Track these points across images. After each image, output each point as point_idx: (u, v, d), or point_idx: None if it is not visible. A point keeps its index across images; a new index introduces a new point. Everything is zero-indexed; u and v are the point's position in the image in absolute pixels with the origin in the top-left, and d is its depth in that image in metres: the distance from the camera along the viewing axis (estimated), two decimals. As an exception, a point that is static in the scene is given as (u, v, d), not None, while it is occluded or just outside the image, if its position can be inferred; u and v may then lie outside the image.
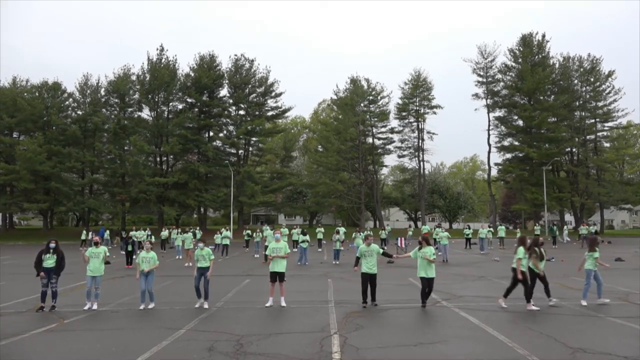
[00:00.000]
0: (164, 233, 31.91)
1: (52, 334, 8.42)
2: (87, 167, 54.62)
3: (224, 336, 7.97)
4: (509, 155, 61.17)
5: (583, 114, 58.85)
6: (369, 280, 10.69)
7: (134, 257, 19.72)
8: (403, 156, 64.50)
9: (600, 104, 58.36)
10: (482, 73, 60.49)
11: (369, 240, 10.99)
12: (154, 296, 11.00)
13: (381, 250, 11.17)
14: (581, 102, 58.56)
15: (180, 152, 54.10)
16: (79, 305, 11.13)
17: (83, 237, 34.67)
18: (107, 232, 35.46)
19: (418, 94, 61.58)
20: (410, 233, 30.10)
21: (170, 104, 56.46)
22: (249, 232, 31.42)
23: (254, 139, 58.79)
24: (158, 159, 56.52)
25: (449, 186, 72.26)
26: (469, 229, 32.28)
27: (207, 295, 10.84)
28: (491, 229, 30.82)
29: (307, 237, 21.94)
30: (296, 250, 27.19)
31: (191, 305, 11.05)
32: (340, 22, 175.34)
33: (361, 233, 22.74)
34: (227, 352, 6.99)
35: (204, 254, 10.85)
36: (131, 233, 28.24)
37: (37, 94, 53.63)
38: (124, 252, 24.21)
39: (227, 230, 29.14)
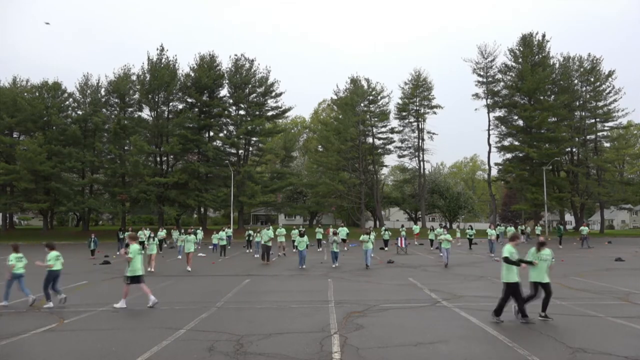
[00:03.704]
0: (161, 233, 31.76)
1: (52, 334, 8.42)
2: (87, 167, 54.65)
3: (224, 336, 7.97)
4: (509, 155, 61.16)
5: (583, 114, 58.85)
6: (516, 289, 9.11)
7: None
8: (403, 156, 64.66)
9: (600, 103, 58.36)
10: (482, 73, 60.56)
11: (517, 241, 9.56)
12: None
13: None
14: (581, 102, 58.54)
15: (181, 152, 54.09)
16: (79, 305, 11.14)
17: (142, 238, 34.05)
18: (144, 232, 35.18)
19: (418, 94, 61.67)
20: (403, 233, 29.73)
21: (171, 104, 56.50)
22: (250, 232, 31.31)
23: (254, 139, 58.79)
24: (158, 159, 56.53)
25: (449, 186, 72.23)
26: (472, 229, 31.55)
27: (58, 290, 11.16)
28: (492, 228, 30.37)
29: (305, 239, 20.30)
30: (295, 250, 27.02)
31: (191, 305, 11.06)
32: (341, 22, 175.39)
33: (369, 235, 20.19)
34: (227, 352, 6.99)
35: (52, 257, 11.24)
36: (126, 234, 27.90)
37: (37, 94, 53.68)
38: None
39: (224, 230, 29.00)
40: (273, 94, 58.31)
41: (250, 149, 60.24)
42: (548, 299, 9.16)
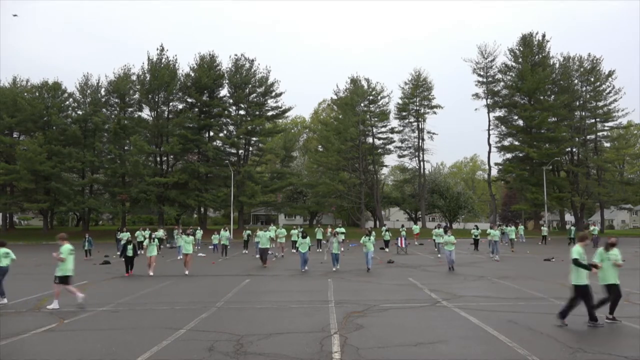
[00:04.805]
0: (159, 233, 31.64)
1: (52, 334, 8.43)
2: (87, 167, 54.65)
3: (224, 336, 7.98)
4: (509, 155, 61.21)
5: (583, 113, 58.89)
6: (585, 291, 8.69)
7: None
8: (403, 156, 64.69)
9: (600, 103, 58.42)
10: (482, 73, 60.62)
11: (587, 241, 8.97)
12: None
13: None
14: (581, 102, 58.58)
15: (181, 152, 54.12)
16: (79, 305, 11.13)
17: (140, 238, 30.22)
18: (162, 231, 35.12)
19: (418, 93, 61.70)
20: (403, 233, 29.63)
21: (171, 104, 56.53)
22: (249, 232, 31.16)
23: (254, 139, 58.81)
24: (158, 159, 56.54)
25: (449, 186, 72.24)
26: (477, 229, 30.48)
27: (3, 292, 11.40)
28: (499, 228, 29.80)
29: (308, 240, 18.76)
30: (295, 251, 26.81)
31: (191, 305, 11.06)
32: (341, 22, 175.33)
33: (370, 237, 18.44)
34: (227, 352, 6.99)
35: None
36: (122, 234, 26.66)
37: (37, 94, 53.67)
38: (121, 256, 22.91)
39: (225, 230, 28.76)
40: (273, 94, 58.33)
41: (250, 149, 60.25)
42: (617, 301, 8.84)
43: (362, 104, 59.88)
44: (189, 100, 56.37)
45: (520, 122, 59.20)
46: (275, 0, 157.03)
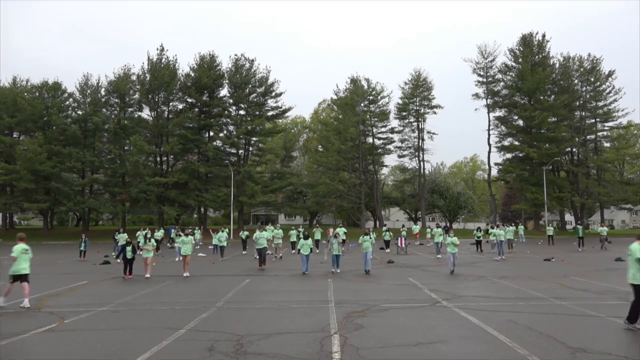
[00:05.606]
0: (158, 233, 31.58)
1: (52, 334, 8.43)
2: (87, 167, 54.63)
3: (224, 336, 7.98)
4: (509, 155, 61.22)
5: (583, 113, 58.92)
6: None
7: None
8: (403, 156, 64.69)
9: (600, 103, 58.47)
10: (482, 73, 60.64)
11: None
12: None
13: None
14: (581, 102, 58.61)
15: (181, 152, 54.09)
16: (79, 305, 11.13)
17: (140, 238, 28.67)
18: (174, 231, 35.12)
19: (418, 93, 61.70)
20: (403, 233, 29.59)
21: (171, 104, 56.50)
22: (246, 233, 30.94)
23: (254, 139, 58.79)
24: (158, 159, 56.53)
25: (449, 186, 72.23)
26: (479, 230, 29.90)
27: None
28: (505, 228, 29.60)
29: (309, 242, 17.75)
30: (294, 252, 26.70)
31: (191, 305, 11.07)
32: (341, 22, 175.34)
33: (369, 236, 18.01)
34: (227, 352, 6.99)
35: None
36: (119, 235, 25.73)
37: (37, 94, 53.65)
38: (117, 258, 22.67)
39: (222, 231, 28.53)
40: (273, 94, 58.29)
41: (250, 149, 60.22)
42: None
43: (362, 104, 59.86)
44: (189, 100, 56.34)
45: (520, 122, 59.21)
46: (275, 0, 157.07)
